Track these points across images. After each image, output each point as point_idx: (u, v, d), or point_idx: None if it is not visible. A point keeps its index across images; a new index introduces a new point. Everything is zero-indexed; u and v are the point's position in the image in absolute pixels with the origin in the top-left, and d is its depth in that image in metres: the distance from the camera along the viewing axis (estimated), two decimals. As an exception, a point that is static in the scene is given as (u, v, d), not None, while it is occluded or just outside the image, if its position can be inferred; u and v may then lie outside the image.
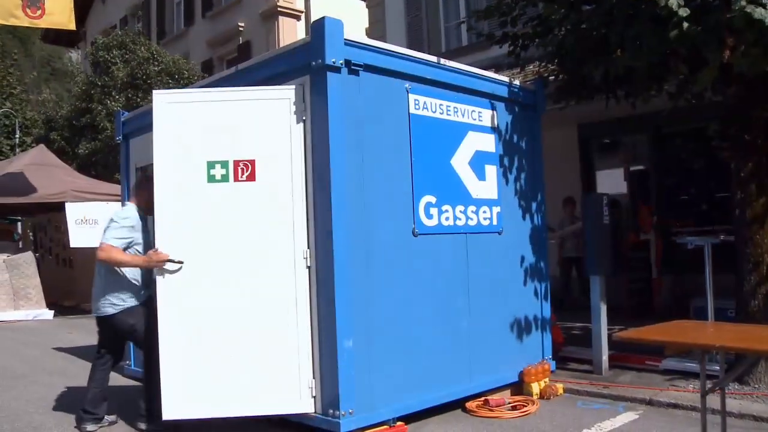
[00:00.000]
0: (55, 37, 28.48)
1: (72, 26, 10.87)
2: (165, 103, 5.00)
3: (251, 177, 4.87)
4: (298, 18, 19.05)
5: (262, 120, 4.93)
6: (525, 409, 5.49)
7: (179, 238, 4.86)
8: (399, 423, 4.92)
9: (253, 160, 4.88)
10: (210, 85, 5.94)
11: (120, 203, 12.23)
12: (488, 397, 5.63)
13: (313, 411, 4.77)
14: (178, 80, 17.02)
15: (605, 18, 5.61)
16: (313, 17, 18.54)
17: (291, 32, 18.62)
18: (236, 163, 4.88)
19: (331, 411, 4.65)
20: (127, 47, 17.46)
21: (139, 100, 16.24)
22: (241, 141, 4.90)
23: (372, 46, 5.10)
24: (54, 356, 8.88)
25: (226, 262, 4.85)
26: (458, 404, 5.52)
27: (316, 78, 4.79)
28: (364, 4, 15.26)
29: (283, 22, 18.81)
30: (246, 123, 4.93)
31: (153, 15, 24.63)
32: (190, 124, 4.94)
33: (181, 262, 4.83)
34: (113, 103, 16.71)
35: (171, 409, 4.78)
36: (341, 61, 4.76)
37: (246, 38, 19.96)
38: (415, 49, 6.00)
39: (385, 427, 4.84)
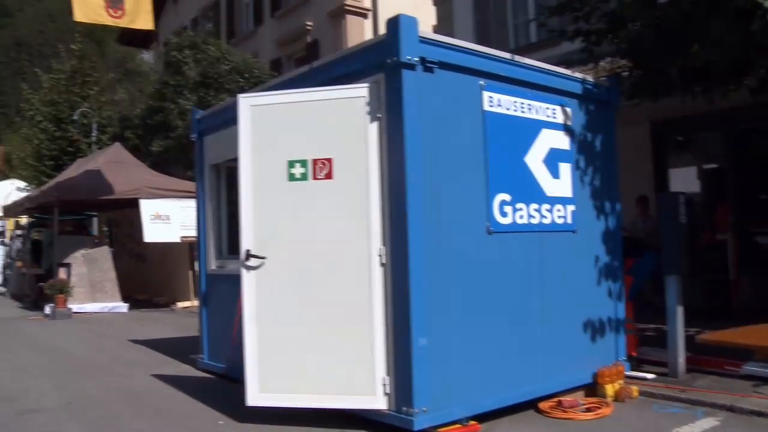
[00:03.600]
0: (130, 38, 29.38)
1: (150, 26, 11.21)
2: (249, 105, 5.23)
3: (329, 175, 4.99)
4: (365, 16, 19.12)
5: (339, 118, 5.01)
6: (599, 411, 5.39)
7: (262, 234, 5.09)
8: (472, 422, 4.89)
9: (331, 159, 4.99)
10: (285, 83, 6.03)
11: (193, 199, 12.66)
12: (561, 398, 5.54)
13: (387, 408, 4.79)
14: (248, 79, 17.27)
15: (683, 12, 5.46)
16: (380, 15, 18.74)
17: (358, 31, 18.72)
18: (315, 161, 5.02)
19: (404, 408, 4.66)
20: (199, 47, 17.81)
21: (210, 98, 16.54)
22: (318, 140, 5.02)
23: (447, 43, 5.09)
24: (130, 348, 9.15)
25: (304, 258, 5.02)
26: (531, 404, 5.45)
27: (391, 75, 4.80)
28: (431, 1, 15.23)
29: (351, 20, 18.90)
30: (323, 122, 5.04)
31: (223, 15, 25.10)
32: (271, 125, 5.15)
33: (264, 258, 4.99)
34: (185, 101, 17.08)
35: (252, 397, 5.09)
36: (416, 59, 4.75)
37: (314, 37, 20.15)
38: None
39: (458, 425, 4.82)
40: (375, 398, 4.82)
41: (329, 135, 5.02)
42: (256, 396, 5.12)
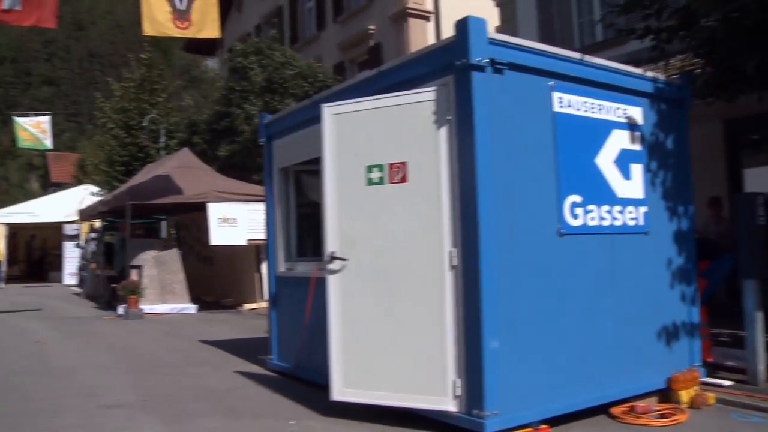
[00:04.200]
0: (196, 46, 30.07)
1: (217, 34, 11.45)
2: (331, 114, 5.48)
3: (404, 179, 5.11)
4: (427, 19, 19.13)
5: (410, 122, 5.10)
6: (674, 418, 5.25)
7: (344, 237, 5.32)
8: (543, 426, 4.84)
9: (405, 163, 5.10)
10: (353, 87, 6.11)
11: (259, 203, 12.87)
12: (634, 404, 5.43)
13: (457, 410, 4.78)
14: (313, 83, 17.46)
15: (762, 5, 5.30)
16: (443, 18, 18.71)
17: (420, 33, 18.75)
18: (391, 165, 5.16)
19: (475, 411, 4.65)
20: (264, 53, 18.10)
21: (276, 103, 16.77)
22: (393, 144, 5.16)
23: (516, 44, 5.07)
24: (200, 348, 9.36)
25: (382, 260, 5.19)
26: (602, 409, 5.36)
27: (461, 78, 4.80)
28: (493, 2, 15.14)
29: (413, 23, 18.94)
30: (397, 126, 5.17)
31: (286, 21, 25.47)
32: (351, 131, 5.39)
33: (346, 260, 5.21)
34: (251, 106, 17.37)
35: (336, 392, 5.38)
36: (486, 60, 4.75)
37: (376, 41, 20.27)
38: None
39: (529, 429, 4.78)
40: (445, 400, 4.83)
41: (403, 139, 5.13)
42: (340, 391, 5.36)
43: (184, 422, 5.44)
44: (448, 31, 17.57)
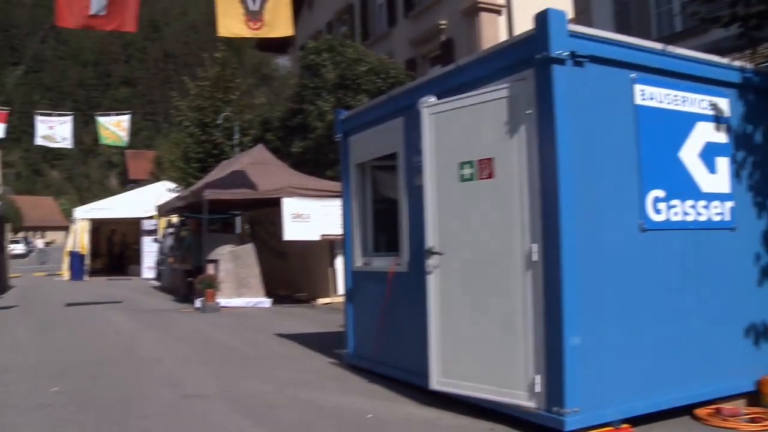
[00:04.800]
0: (268, 44, 30.55)
1: (290, 32, 11.58)
2: (429, 113, 5.63)
3: (491, 174, 5.15)
4: (499, 13, 18.93)
5: (494, 118, 5.12)
6: (766, 423, 5.04)
7: (440, 232, 5.52)
8: (624, 425, 4.74)
9: (491, 158, 5.15)
10: (428, 83, 6.10)
11: (333, 199, 13.02)
12: (720, 406, 5.25)
13: (537, 407, 4.74)
14: (385, 79, 17.52)
15: None
16: (515, 12, 18.50)
17: (492, 28, 18.58)
18: (480, 162, 5.22)
19: (555, 408, 4.60)
20: (336, 50, 18.26)
21: (348, 99, 16.89)
22: (480, 141, 5.24)
23: (597, 36, 4.98)
24: (276, 341, 9.52)
25: (472, 255, 5.31)
26: (686, 410, 5.21)
27: (541, 71, 4.75)
28: (567, -6, 14.88)
29: (485, 17, 18.77)
30: (483, 123, 5.23)
31: (357, 18, 25.62)
32: (445, 129, 5.53)
33: (442, 254, 5.44)
34: (324, 103, 17.55)
35: (433, 382, 5.56)
36: (566, 53, 4.68)
37: (448, 36, 20.18)
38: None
39: (609, 428, 4.69)
40: (525, 395, 4.81)
41: (489, 135, 5.18)
42: (439, 381, 5.51)
43: (264, 414, 5.55)
44: (520, 25, 17.52)
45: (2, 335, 10.76)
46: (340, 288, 13.86)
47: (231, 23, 11.14)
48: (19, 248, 52.86)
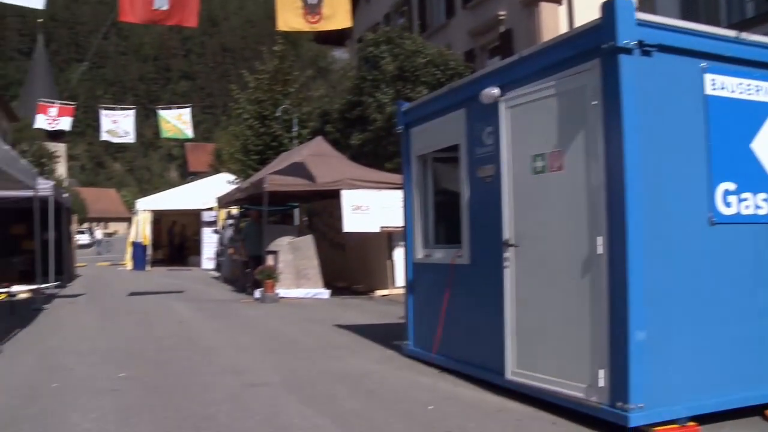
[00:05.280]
0: (325, 37, 30.75)
1: (349, 24, 11.66)
2: (505, 107, 5.70)
3: (560, 167, 5.13)
4: (559, 2, 18.64)
5: (561, 110, 5.12)
6: (840, 424, 4.89)
7: (515, 225, 5.60)
8: (691, 423, 4.63)
9: (560, 151, 5.13)
10: (492, 73, 6.05)
11: (392, 190, 13.05)
12: (793, 406, 5.10)
13: (600, 401, 4.68)
14: (444, 71, 17.45)
15: None
16: (575, 1, 18.18)
17: (552, 18, 18.32)
18: (550, 154, 5.21)
19: (619, 403, 4.53)
20: (394, 42, 18.26)
21: (408, 91, 16.87)
22: (550, 133, 5.22)
23: (665, 25, 4.85)
24: (335, 332, 9.60)
25: (543, 247, 5.35)
26: (757, 410, 5.05)
27: (607, 61, 4.67)
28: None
29: (545, 7, 18.52)
30: (551, 115, 5.23)
31: (415, 9, 25.58)
32: (519, 122, 5.57)
33: (516, 246, 5.52)
34: (383, 95, 17.57)
35: (511, 373, 5.60)
36: (634, 42, 4.58)
37: (507, 26, 19.99)
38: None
39: (676, 426, 4.58)
40: (589, 389, 4.76)
41: (557, 126, 5.17)
42: (514, 372, 5.57)
43: (326, 403, 5.62)
44: (580, 15, 17.22)
45: (71, 322, 11.13)
46: (398, 280, 13.90)
47: (290, 17, 11.27)
48: (84, 239, 54.48)
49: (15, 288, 12.83)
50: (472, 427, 4.89)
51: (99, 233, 62.03)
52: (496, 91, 5.72)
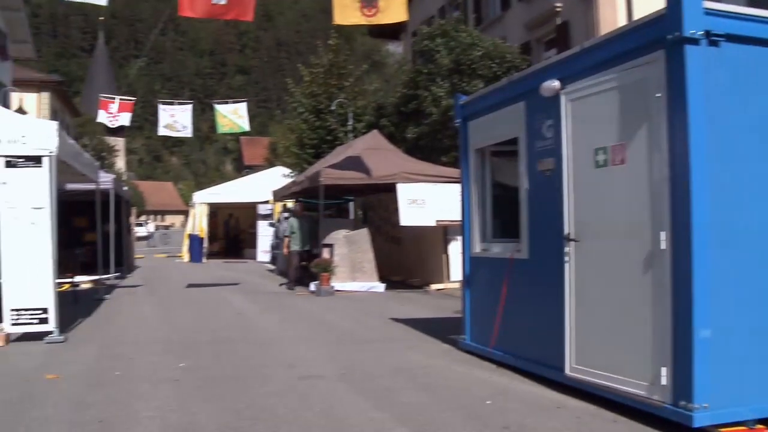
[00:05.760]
0: (380, 31, 30.78)
1: (404, 17, 11.66)
2: (567, 100, 5.64)
3: (623, 160, 5.04)
4: (617, -8, 18.29)
5: (624, 102, 5.02)
6: None
7: (577, 219, 5.54)
8: (759, 426, 4.49)
9: (623, 144, 5.02)
10: (552, 65, 5.97)
11: (448, 184, 12.99)
12: None
13: (663, 400, 4.59)
14: (500, 64, 17.30)
15: None
16: (633, -9, 17.77)
17: (611, 9, 17.93)
18: (613, 148, 5.12)
19: (682, 403, 4.42)
20: (449, 35, 18.16)
21: (464, 84, 16.78)
22: (612, 126, 5.14)
23: (735, 13, 4.67)
24: (391, 325, 9.63)
25: (605, 242, 5.28)
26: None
27: (672, 53, 4.54)
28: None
29: (602, -1, 18.19)
30: (613, 107, 5.14)
31: (470, 2, 25.42)
32: (581, 115, 5.50)
33: (577, 241, 5.49)
34: (438, 89, 17.50)
35: (570, 369, 5.56)
36: (700, 32, 4.44)
37: (564, 18, 19.69)
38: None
39: (743, 428, 4.45)
40: (651, 387, 4.67)
41: (620, 120, 5.08)
42: (573, 369, 5.52)
43: (382, 396, 5.65)
44: (638, 7, 16.79)
45: (131, 312, 11.44)
46: (454, 274, 13.86)
47: (347, 11, 11.32)
48: (142, 231, 55.76)
49: (78, 278, 13.23)
50: (530, 422, 4.85)
51: (151, 225, 63.11)
52: (556, 83, 5.64)
